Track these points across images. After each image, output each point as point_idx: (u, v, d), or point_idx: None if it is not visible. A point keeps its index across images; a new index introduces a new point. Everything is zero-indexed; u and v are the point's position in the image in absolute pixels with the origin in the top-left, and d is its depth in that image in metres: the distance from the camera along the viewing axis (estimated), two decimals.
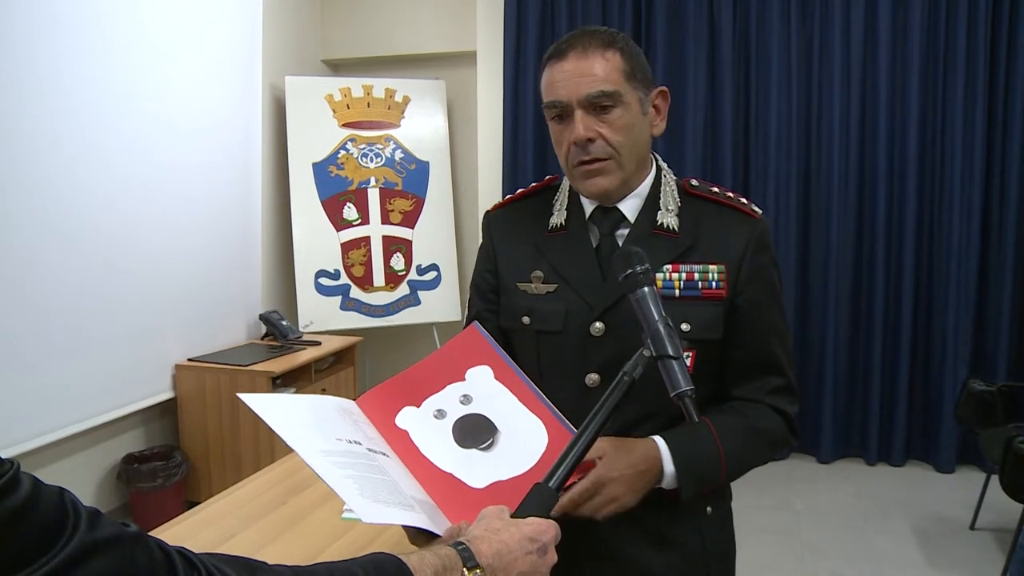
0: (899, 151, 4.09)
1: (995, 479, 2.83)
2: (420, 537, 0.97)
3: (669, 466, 1.09)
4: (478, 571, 0.79)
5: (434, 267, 4.56)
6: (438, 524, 0.97)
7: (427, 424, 1.12)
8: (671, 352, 0.93)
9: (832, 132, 4.13)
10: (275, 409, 1.00)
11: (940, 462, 4.11)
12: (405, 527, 0.99)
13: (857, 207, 4.16)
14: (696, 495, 1.13)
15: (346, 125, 4.43)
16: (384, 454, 1.05)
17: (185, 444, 3.56)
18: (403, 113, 4.55)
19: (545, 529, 0.87)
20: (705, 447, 1.12)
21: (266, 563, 0.71)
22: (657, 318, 0.96)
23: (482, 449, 1.10)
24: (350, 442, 1.02)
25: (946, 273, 4.07)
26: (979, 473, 3.87)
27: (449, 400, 1.14)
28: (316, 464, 0.93)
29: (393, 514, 0.92)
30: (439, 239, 4.59)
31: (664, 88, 1.20)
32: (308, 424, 1.01)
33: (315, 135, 4.36)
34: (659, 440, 1.11)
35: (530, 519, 0.88)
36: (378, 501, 0.93)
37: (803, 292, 4.28)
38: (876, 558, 3.20)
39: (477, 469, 1.07)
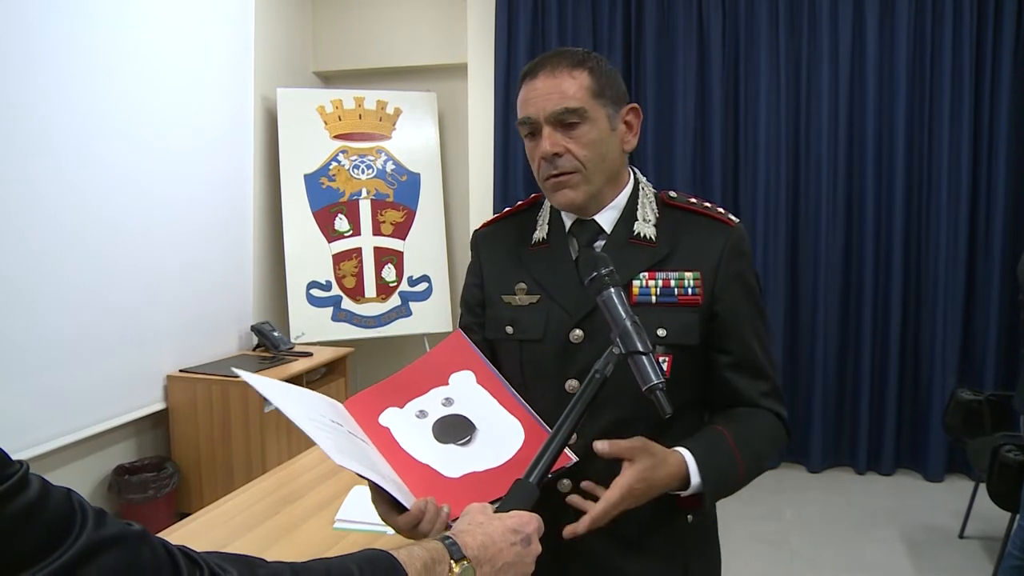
0: (887, 163, 4.13)
1: (983, 488, 2.85)
2: (391, 513, 1.02)
3: (696, 479, 1.10)
4: (465, 563, 0.82)
5: (425, 278, 4.57)
6: (405, 500, 1.01)
7: (408, 422, 1.17)
8: (640, 348, 0.96)
9: (820, 144, 4.17)
10: (270, 385, 1.08)
11: (929, 471, 4.14)
12: (374, 501, 1.04)
13: (845, 218, 4.20)
14: (713, 503, 1.18)
15: (337, 137, 4.44)
16: (364, 441, 1.11)
17: (176, 455, 3.55)
18: (394, 125, 4.57)
19: (528, 521, 0.91)
20: (727, 458, 1.14)
21: (266, 560, 0.74)
22: (624, 316, 1.00)
23: (460, 445, 1.14)
24: (333, 422, 1.08)
25: (934, 283, 4.11)
26: (968, 482, 3.90)
27: (431, 402, 1.19)
28: (299, 422, 0.99)
29: (360, 468, 0.97)
30: (430, 250, 4.60)
31: (635, 105, 1.23)
32: (297, 399, 1.09)
33: (307, 147, 4.37)
34: (687, 455, 1.11)
35: (513, 512, 0.91)
36: (348, 456, 0.98)
37: (792, 302, 4.30)
38: (865, 567, 3.22)
39: (453, 462, 1.11)
